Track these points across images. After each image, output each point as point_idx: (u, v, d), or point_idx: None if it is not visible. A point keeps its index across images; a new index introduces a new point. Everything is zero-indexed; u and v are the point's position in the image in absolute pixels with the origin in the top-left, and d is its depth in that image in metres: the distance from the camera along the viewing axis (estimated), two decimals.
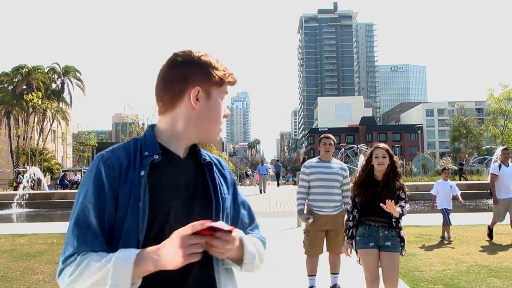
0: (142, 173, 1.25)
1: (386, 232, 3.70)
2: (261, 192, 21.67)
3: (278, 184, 31.06)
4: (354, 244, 3.84)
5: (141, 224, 1.21)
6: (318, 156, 5.23)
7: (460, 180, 29.93)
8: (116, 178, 1.24)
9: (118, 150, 1.29)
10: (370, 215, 3.74)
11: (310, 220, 4.92)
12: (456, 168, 36.94)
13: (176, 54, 1.34)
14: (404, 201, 3.73)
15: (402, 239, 3.76)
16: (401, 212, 3.65)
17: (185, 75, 1.30)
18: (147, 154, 1.28)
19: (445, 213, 8.58)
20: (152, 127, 1.38)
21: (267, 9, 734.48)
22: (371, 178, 3.81)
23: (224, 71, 1.35)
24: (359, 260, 3.83)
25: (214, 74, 1.32)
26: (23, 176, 28.33)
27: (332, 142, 5.04)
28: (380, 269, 3.76)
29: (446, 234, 8.45)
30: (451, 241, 8.25)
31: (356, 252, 3.84)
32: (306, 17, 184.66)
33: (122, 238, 1.21)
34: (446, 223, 8.48)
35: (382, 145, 3.86)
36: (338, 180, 4.92)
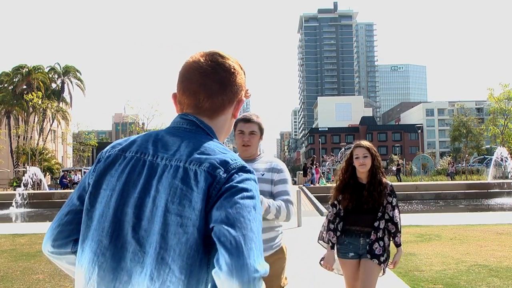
0: None
1: (367, 240, 3.29)
2: None
3: None
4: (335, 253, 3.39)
5: None
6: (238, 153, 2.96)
7: (397, 181, 30.52)
8: None
9: None
10: (355, 224, 3.32)
11: None
12: (395, 169, 37.53)
13: (225, 56, 1.28)
14: (397, 211, 3.37)
15: (385, 251, 3.29)
16: (400, 244, 3.39)
17: (237, 82, 1.28)
18: None
19: None
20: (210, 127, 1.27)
21: (267, 9, 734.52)
22: (355, 181, 3.37)
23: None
24: (339, 270, 3.45)
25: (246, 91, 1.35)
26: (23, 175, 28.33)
27: (256, 129, 2.82)
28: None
29: None
30: None
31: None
32: (306, 17, 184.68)
33: None
34: None
35: (363, 143, 3.43)
36: (266, 191, 2.77)
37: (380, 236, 3.27)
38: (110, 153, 1.23)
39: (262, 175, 2.81)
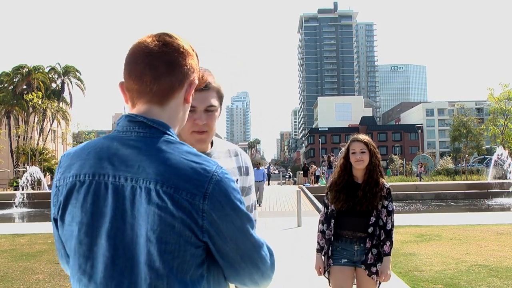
0: None
1: (362, 245, 3.02)
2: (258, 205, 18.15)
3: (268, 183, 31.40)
4: (325, 260, 3.11)
5: None
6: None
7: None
8: None
9: None
10: (346, 228, 3.05)
11: None
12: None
13: (174, 36, 1.17)
14: (390, 217, 3.04)
15: (378, 258, 3.01)
16: (389, 254, 3.02)
17: (188, 63, 1.15)
18: None
19: None
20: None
21: (267, 9, 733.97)
22: (352, 179, 3.10)
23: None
24: (329, 276, 3.13)
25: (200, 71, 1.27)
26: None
27: (216, 101, 1.65)
28: None
29: None
30: None
31: (325, 269, 3.12)
32: (306, 17, 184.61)
33: None
34: None
35: (361, 137, 3.13)
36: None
37: (375, 243, 3.01)
38: (66, 181, 1.10)
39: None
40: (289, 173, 60.04)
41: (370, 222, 2.99)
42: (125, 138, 1.08)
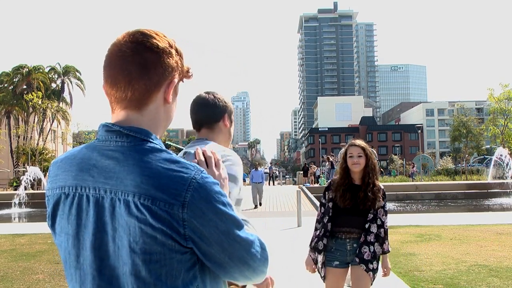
0: None
1: (355, 245, 3.18)
2: (256, 207, 16.76)
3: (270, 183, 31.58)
4: (320, 259, 3.26)
5: None
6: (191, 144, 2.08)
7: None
8: None
9: None
10: (344, 225, 3.21)
11: None
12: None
13: (148, 34, 1.10)
14: (386, 217, 3.26)
15: (375, 257, 3.17)
16: (388, 251, 3.25)
17: (164, 63, 1.10)
18: None
19: None
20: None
21: (267, 9, 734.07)
22: (350, 181, 3.28)
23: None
24: (324, 277, 3.28)
25: (186, 66, 1.17)
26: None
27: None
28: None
29: None
30: None
31: (321, 268, 3.29)
32: (306, 17, 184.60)
33: None
34: None
35: (358, 142, 3.35)
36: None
37: (371, 240, 3.15)
38: (53, 193, 1.12)
39: None
40: (282, 173, 60.18)
41: (368, 219, 3.17)
42: (104, 149, 1.07)
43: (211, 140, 1.93)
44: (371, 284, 3.18)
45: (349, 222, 3.19)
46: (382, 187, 3.31)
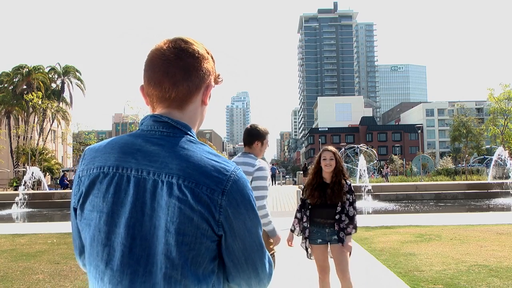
0: None
1: (332, 229, 4.05)
2: None
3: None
4: (306, 241, 4.19)
5: None
6: (244, 151, 3.89)
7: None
8: None
9: None
10: (320, 217, 4.09)
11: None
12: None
13: (189, 41, 1.22)
14: (352, 206, 4.02)
15: (341, 229, 4.02)
16: (350, 233, 4.02)
17: (203, 67, 1.21)
18: None
19: None
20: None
21: (267, 9, 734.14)
22: (322, 180, 4.10)
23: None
24: (310, 255, 4.23)
25: (217, 72, 1.28)
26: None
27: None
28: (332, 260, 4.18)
29: None
30: None
31: (307, 249, 4.23)
32: (306, 17, 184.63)
33: None
34: None
35: (330, 148, 4.19)
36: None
37: (343, 226, 4.01)
38: (89, 173, 1.16)
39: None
40: (282, 173, 60.52)
41: (337, 211, 4.01)
42: (149, 136, 1.14)
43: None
44: (349, 255, 4.08)
45: (322, 214, 4.07)
46: (349, 183, 4.10)
